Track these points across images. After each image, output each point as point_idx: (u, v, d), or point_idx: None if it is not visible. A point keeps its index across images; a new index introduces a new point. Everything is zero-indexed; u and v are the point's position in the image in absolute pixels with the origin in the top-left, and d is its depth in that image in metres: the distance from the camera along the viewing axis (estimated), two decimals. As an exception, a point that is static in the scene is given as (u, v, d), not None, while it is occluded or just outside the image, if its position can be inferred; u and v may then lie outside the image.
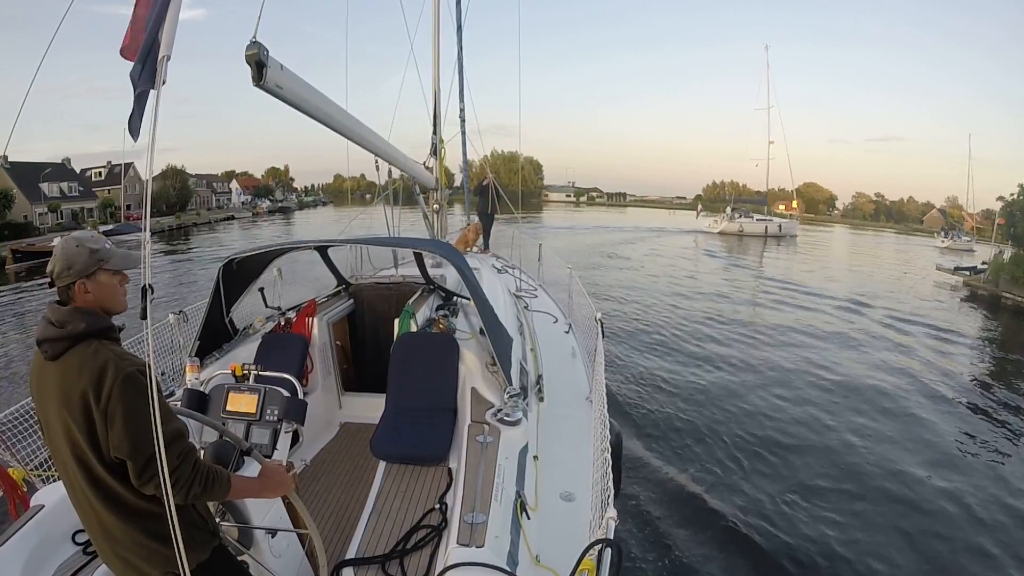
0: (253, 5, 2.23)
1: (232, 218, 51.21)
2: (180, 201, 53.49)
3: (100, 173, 46.68)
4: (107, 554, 1.46)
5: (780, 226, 38.60)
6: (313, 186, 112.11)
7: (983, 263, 21.71)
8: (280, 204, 70.92)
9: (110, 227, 33.32)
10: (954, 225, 46.13)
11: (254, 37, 2.25)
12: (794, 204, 45.05)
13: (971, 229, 40.99)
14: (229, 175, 79.86)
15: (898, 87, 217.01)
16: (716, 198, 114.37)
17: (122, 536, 1.39)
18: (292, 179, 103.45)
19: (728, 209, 40.88)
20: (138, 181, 48.39)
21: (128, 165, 46.99)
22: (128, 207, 45.03)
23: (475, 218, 10.15)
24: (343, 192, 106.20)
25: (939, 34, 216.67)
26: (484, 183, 10.27)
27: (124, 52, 1.49)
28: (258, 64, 2.29)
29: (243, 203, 66.49)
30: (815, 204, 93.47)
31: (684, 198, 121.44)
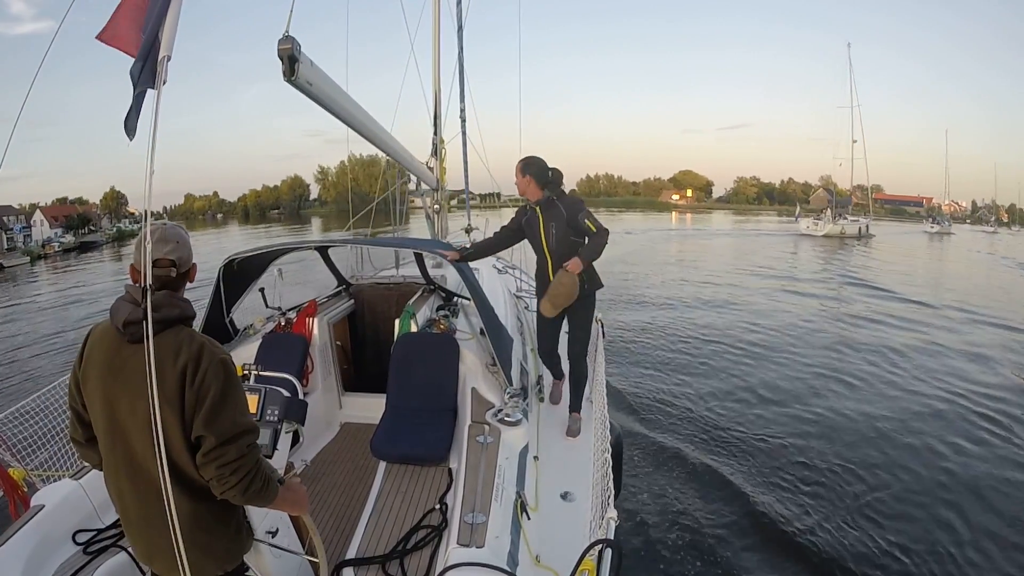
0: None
1: (-1, 269, 31.91)
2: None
3: None
4: (157, 548, 1.43)
5: (867, 226, 38.74)
6: (165, 208, 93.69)
7: None
8: (83, 239, 50.58)
9: None
10: (938, 211, 55.06)
11: (286, 31, 2.20)
12: (688, 193, 44.56)
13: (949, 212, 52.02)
14: (61, 202, 62.76)
15: (743, 77, 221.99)
16: (592, 191, 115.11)
17: (188, 521, 1.36)
18: (124, 202, 78.62)
19: (827, 211, 40.87)
20: None
21: None
22: None
23: (480, 232, 6.69)
24: (194, 213, 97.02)
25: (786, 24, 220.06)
26: (551, 197, 3.13)
27: (104, 37, 1.46)
28: (290, 59, 2.26)
29: (47, 240, 47.96)
30: (693, 191, 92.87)
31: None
